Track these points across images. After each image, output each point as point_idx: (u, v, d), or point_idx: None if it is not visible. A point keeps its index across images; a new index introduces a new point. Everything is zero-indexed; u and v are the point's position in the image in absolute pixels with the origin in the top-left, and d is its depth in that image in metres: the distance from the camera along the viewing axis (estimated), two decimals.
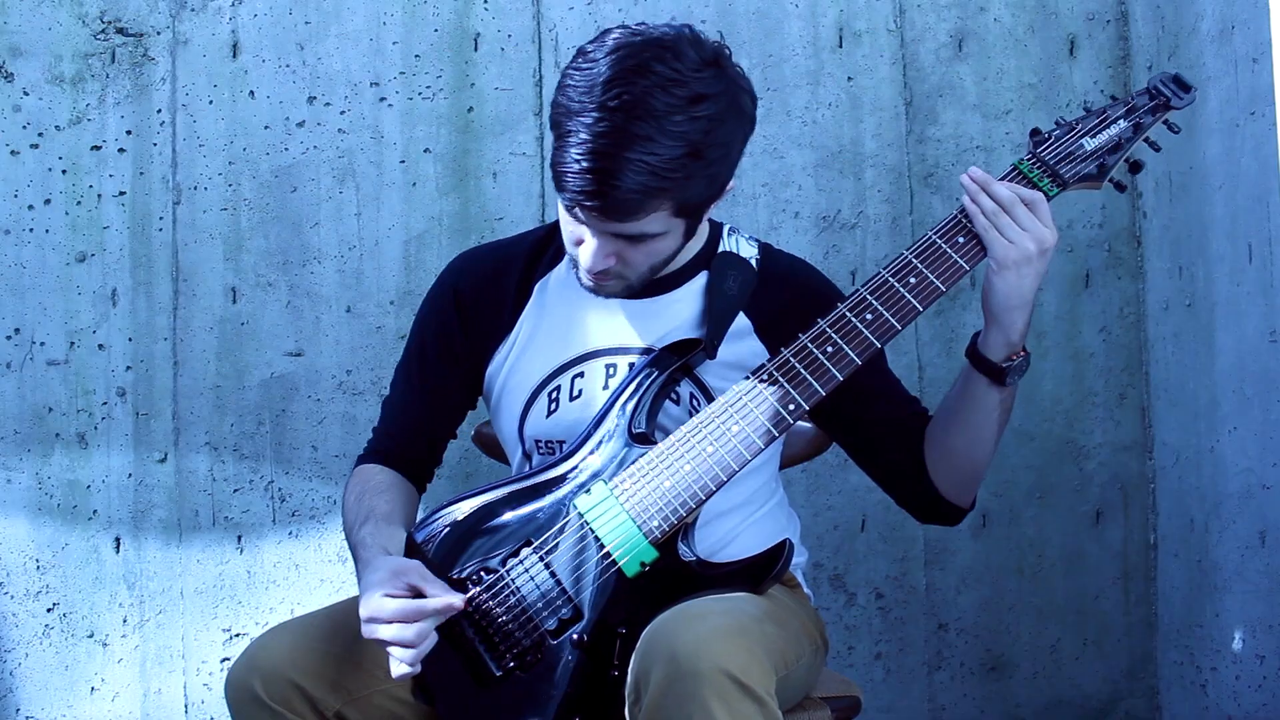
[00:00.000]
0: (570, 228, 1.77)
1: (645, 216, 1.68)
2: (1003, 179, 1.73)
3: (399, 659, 1.65)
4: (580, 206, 1.68)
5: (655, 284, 1.89)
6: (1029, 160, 1.75)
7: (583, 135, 1.63)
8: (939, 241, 1.73)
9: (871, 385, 1.83)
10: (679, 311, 1.88)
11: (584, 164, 1.64)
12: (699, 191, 1.70)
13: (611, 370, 1.87)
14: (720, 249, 1.91)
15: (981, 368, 1.75)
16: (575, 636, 1.73)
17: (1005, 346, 1.73)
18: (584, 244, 1.75)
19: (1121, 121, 1.76)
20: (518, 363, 1.92)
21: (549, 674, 1.73)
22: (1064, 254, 2.76)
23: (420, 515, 1.90)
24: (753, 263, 1.91)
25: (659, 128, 1.62)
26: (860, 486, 2.74)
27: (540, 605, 1.75)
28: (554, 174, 1.70)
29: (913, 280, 1.73)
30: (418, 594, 1.67)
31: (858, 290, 1.75)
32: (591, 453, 1.80)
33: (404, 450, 1.97)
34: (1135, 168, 1.78)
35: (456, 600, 1.68)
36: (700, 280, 1.90)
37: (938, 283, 1.72)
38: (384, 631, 1.65)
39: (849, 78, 2.78)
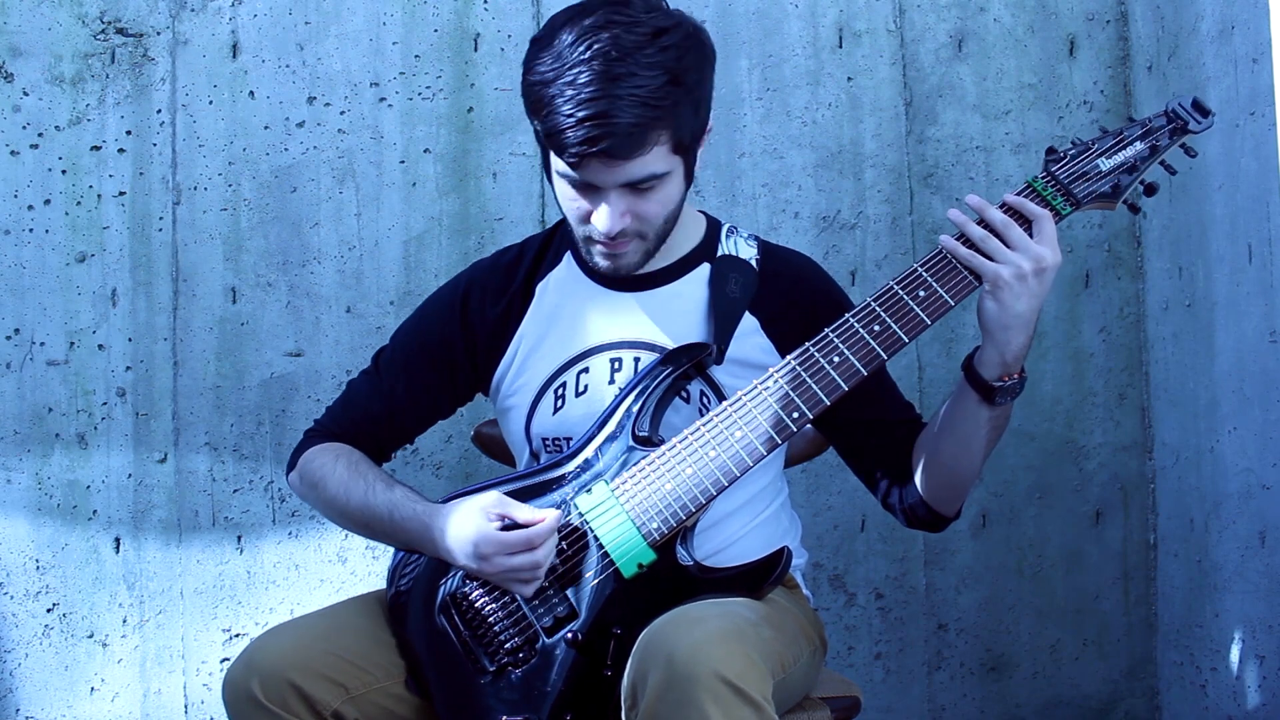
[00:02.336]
0: (576, 203, 1.78)
1: (649, 151, 1.72)
2: (1017, 195, 1.73)
3: (530, 579, 1.73)
4: (585, 159, 1.70)
5: (656, 276, 1.90)
6: (1043, 178, 1.74)
7: (568, 92, 1.68)
8: (951, 255, 1.72)
9: (868, 388, 1.82)
10: (681, 304, 1.89)
11: (581, 113, 1.67)
12: (688, 120, 1.75)
13: (616, 364, 1.88)
14: (720, 251, 1.92)
15: (973, 382, 1.73)
16: (570, 635, 1.73)
17: (999, 366, 1.71)
18: (597, 211, 1.76)
19: (1138, 143, 1.76)
20: (524, 364, 1.92)
21: (543, 671, 1.74)
22: (1064, 254, 2.75)
23: None
24: (753, 263, 1.91)
25: (636, 63, 1.68)
26: (860, 487, 2.70)
27: (536, 602, 1.76)
28: (552, 143, 1.72)
29: (922, 293, 1.72)
30: (512, 521, 1.74)
31: (867, 301, 1.74)
32: (594, 453, 1.81)
33: (365, 435, 1.96)
34: (1150, 190, 1.77)
35: (554, 512, 1.75)
36: (701, 272, 1.91)
37: (947, 297, 1.72)
38: (514, 561, 1.71)
39: (849, 78, 2.78)
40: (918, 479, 1.82)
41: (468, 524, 1.74)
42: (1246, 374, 2.37)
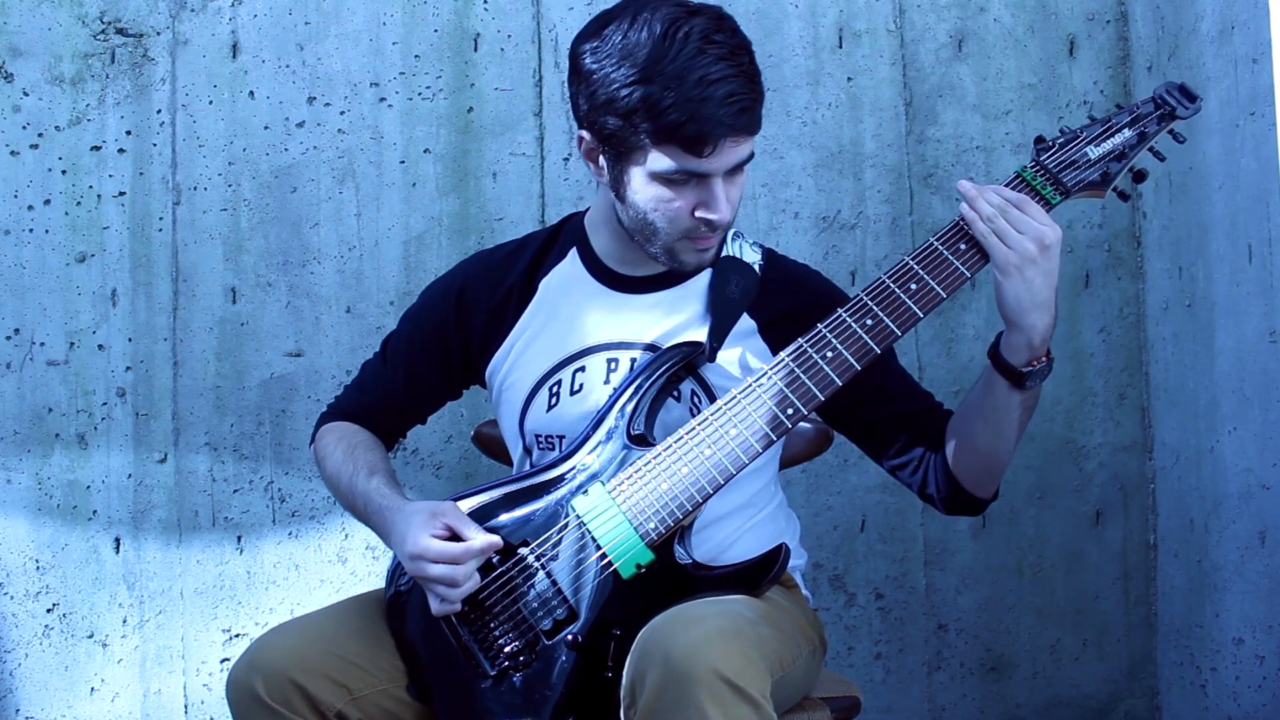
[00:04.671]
0: (674, 203, 1.76)
1: (757, 129, 1.77)
2: (1006, 186, 1.73)
3: (444, 596, 1.73)
4: (724, 140, 1.71)
5: (657, 279, 1.90)
6: (1032, 168, 1.75)
7: (705, 76, 1.68)
8: (940, 248, 1.73)
9: (886, 384, 1.84)
10: (681, 307, 1.89)
11: (721, 92, 1.68)
12: (763, 101, 1.78)
13: (613, 365, 1.87)
14: (724, 254, 1.92)
15: (1002, 370, 1.73)
16: (570, 637, 1.73)
17: (1027, 350, 1.71)
18: (715, 202, 1.76)
19: (1126, 130, 1.75)
20: (520, 359, 1.92)
21: (544, 674, 1.73)
22: (1064, 254, 2.73)
23: None
24: (755, 268, 1.91)
25: (735, 40, 1.73)
26: (860, 487, 2.74)
27: (536, 605, 1.75)
28: (680, 136, 1.70)
29: (914, 286, 1.72)
30: (455, 534, 1.75)
31: (858, 295, 1.75)
32: (590, 454, 1.80)
33: (375, 419, 2.03)
34: (1139, 177, 1.77)
35: (497, 540, 1.75)
36: (702, 277, 1.91)
37: (939, 289, 1.72)
38: (433, 570, 1.72)
39: (849, 78, 2.78)
40: (954, 467, 1.81)
41: (412, 526, 1.77)
42: (1246, 374, 2.37)
